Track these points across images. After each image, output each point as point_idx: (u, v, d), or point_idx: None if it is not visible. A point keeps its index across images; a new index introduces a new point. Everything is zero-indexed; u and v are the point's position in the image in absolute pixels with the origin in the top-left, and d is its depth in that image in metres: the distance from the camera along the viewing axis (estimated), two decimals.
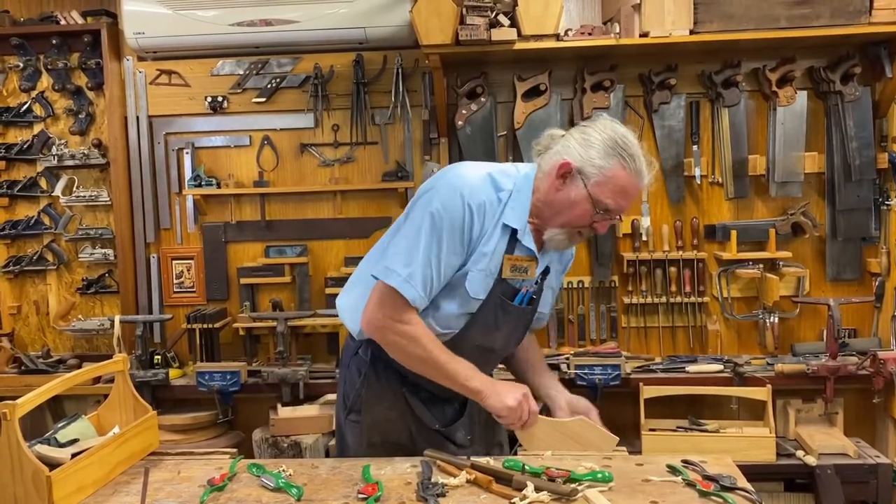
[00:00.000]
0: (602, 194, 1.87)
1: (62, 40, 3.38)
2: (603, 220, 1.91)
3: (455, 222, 1.87)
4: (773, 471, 2.79)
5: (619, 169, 1.86)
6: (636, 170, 1.87)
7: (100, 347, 3.53)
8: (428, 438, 2.03)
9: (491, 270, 1.92)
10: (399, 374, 2.03)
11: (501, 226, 1.92)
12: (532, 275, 1.98)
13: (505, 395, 1.90)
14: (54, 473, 1.59)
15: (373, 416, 2.04)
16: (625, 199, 1.89)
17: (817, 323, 3.26)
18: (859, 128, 3.11)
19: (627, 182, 1.87)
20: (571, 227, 1.93)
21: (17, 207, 3.52)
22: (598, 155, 1.86)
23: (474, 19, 2.86)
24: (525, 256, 1.96)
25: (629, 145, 1.87)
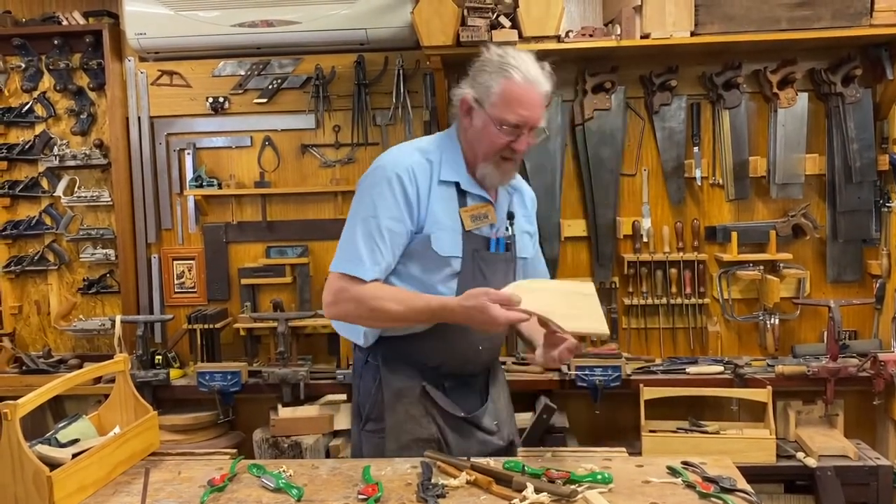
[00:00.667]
0: (500, 112, 1.91)
1: (64, 41, 3.38)
2: (516, 138, 1.94)
3: (383, 191, 1.93)
4: (773, 472, 2.79)
5: (507, 83, 1.90)
6: (524, 77, 1.91)
7: (101, 347, 3.53)
8: (456, 429, 2.03)
9: (453, 227, 1.97)
10: (415, 368, 2.02)
11: (442, 183, 1.98)
12: (493, 219, 2.02)
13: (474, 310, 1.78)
14: (55, 473, 1.59)
15: (397, 417, 2.01)
16: (522, 107, 1.91)
17: (818, 324, 3.26)
18: (860, 129, 3.11)
19: (518, 90, 1.90)
20: (492, 154, 1.96)
21: (18, 207, 3.52)
22: (486, 78, 1.93)
23: (475, 20, 2.87)
24: (478, 204, 2.01)
25: (512, 58, 1.93)
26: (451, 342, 1.99)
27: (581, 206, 3.31)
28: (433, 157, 2.01)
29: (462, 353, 2.02)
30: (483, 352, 2.06)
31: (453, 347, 2.00)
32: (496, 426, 2.11)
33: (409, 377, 2.03)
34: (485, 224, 2.00)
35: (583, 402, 3.23)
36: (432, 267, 1.96)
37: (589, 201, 3.26)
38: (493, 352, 2.14)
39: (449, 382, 2.06)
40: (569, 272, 3.32)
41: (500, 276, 2.03)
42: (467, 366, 2.05)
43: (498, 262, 2.03)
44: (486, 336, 2.00)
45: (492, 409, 2.12)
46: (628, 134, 3.27)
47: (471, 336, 1.98)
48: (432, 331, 1.98)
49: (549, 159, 3.21)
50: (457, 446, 2.01)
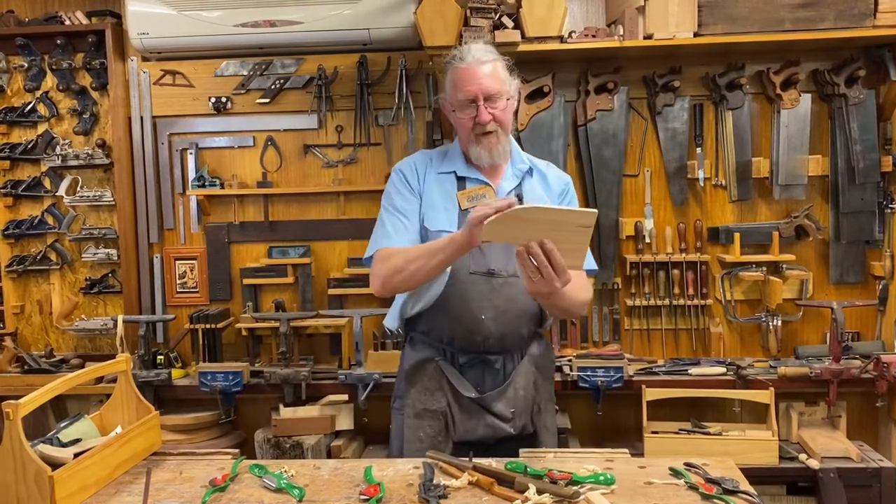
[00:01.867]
0: (453, 96, 2.16)
1: (67, 40, 3.39)
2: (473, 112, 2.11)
3: (393, 188, 2.24)
4: (775, 474, 2.78)
5: (451, 72, 2.16)
6: (462, 58, 2.12)
7: (103, 347, 3.53)
8: (464, 407, 2.14)
9: (448, 207, 2.17)
10: (433, 345, 2.19)
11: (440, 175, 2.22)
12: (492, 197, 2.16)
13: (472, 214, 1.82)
14: (57, 473, 1.59)
15: (415, 388, 2.18)
16: (466, 83, 2.10)
17: (820, 326, 3.26)
18: (863, 131, 3.11)
19: (460, 72, 2.12)
20: (469, 135, 2.16)
21: (21, 207, 3.53)
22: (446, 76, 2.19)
23: (478, 21, 2.86)
24: (475, 186, 2.20)
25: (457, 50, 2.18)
26: (454, 313, 2.11)
27: (583, 206, 3.30)
28: (435, 156, 2.29)
29: (466, 321, 2.11)
30: (488, 321, 2.10)
31: (456, 318, 2.12)
32: (512, 413, 2.14)
33: (427, 353, 2.19)
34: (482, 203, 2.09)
35: (585, 403, 3.22)
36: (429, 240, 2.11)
37: (591, 202, 3.26)
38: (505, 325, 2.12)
39: (464, 358, 2.16)
40: None
41: (502, 251, 2.12)
42: (476, 337, 2.12)
43: None
44: (488, 306, 2.10)
45: (510, 396, 2.15)
46: (631, 135, 3.27)
47: (472, 305, 2.10)
48: (437, 304, 2.13)
49: (551, 159, 3.13)
50: (461, 424, 2.13)
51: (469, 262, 2.10)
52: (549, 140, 3.18)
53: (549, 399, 2.28)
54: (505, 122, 2.15)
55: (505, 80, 2.15)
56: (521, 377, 2.17)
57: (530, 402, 2.19)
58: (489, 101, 2.10)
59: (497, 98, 2.11)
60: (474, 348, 2.14)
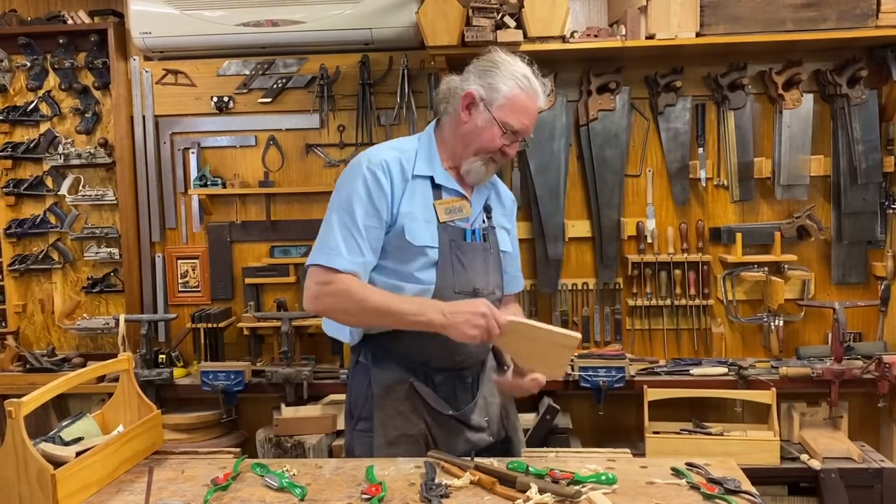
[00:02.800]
0: (506, 116, 1.99)
1: (69, 40, 3.39)
2: (511, 143, 2.03)
3: (359, 188, 1.96)
4: (777, 474, 2.78)
5: (517, 91, 1.99)
6: (532, 89, 2.01)
7: (104, 346, 3.53)
8: (443, 426, 2.04)
9: (427, 218, 2.01)
10: (404, 365, 2.03)
11: (416, 178, 2.03)
12: (468, 212, 2.07)
13: (464, 324, 1.84)
14: (59, 472, 1.59)
15: (386, 412, 2.03)
16: (527, 117, 2.01)
17: (822, 326, 3.25)
18: (865, 131, 3.10)
19: (526, 101, 2.00)
20: (484, 153, 2.03)
21: (23, 206, 3.53)
22: (496, 80, 2.00)
23: (480, 20, 2.86)
24: (453, 198, 2.06)
25: (522, 68, 2.02)
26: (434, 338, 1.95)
27: (585, 206, 3.31)
28: (408, 154, 2.06)
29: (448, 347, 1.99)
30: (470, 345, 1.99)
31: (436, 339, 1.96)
32: (486, 422, 2.10)
33: (397, 373, 2.03)
34: (459, 217, 2.05)
35: (586, 403, 3.23)
36: (408, 257, 1.98)
37: (593, 202, 3.26)
38: (483, 346, 2.10)
39: (439, 378, 2.06)
40: (573, 272, 3.32)
41: (480, 264, 2.06)
42: (455, 358, 2.03)
43: (476, 251, 2.06)
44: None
45: (482, 405, 2.11)
46: (633, 135, 3.27)
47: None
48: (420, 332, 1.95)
49: (553, 160, 3.20)
50: (444, 443, 2.02)
51: (454, 282, 1.99)
52: (551, 140, 3.18)
53: (510, 399, 2.24)
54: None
55: None
56: (486, 385, 2.13)
57: (498, 408, 2.16)
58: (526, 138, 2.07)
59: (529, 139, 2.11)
60: (451, 367, 2.05)
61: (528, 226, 3.30)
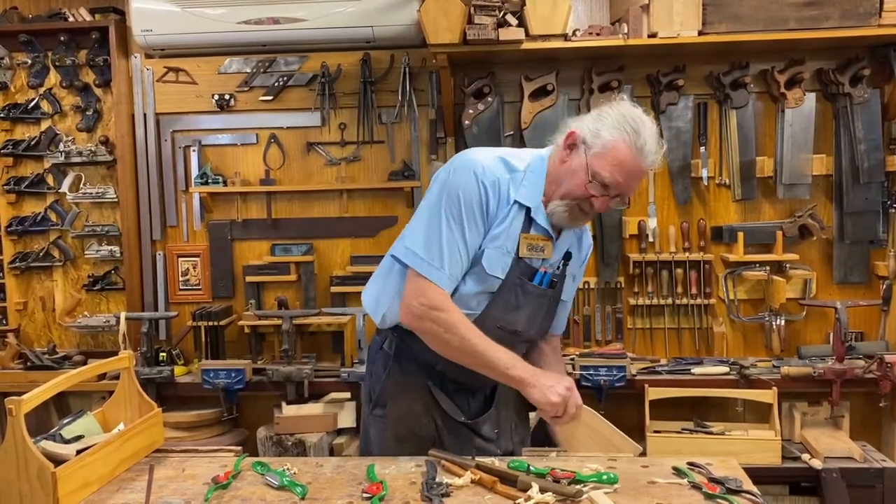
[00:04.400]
0: (599, 165, 1.87)
1: (70, 37, 3.38)
2: (601, 196, 1.89)
3: (472, 200, 1.90)
4: (778, 474, 2.78)
5: (620, 142, 1.85)
6: (638, 146, 1.85)
7: (105, 344, 3.53)
8: (454, 431, 2.04)
9: (508, 249, 1.94)
10: (424, 366, 2.03)
11: (515, 204, 1.94)
12: (549, 254, 2.00)
13: (549, 389, 1.86)
14: (59, 470, 1.59)
15: (399, 408, 2.03)
16: (622, 173, 1.86)
17: (824, 326, 3.25)
18: (868, 130, 3.10)
19: (626, 156, 1.85)
20: (571, 198, 1.92)
21: (24, 204, 3.53)
22: (604, 127, 1.88)
23: (482, 19, 2.86)
24: (540, 235, 1.98)
25: (637, 122, 1.86)
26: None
27: None
28: (517, 175, 1.97)
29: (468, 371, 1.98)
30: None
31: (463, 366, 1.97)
32: (496, 434, 2.10)
33: (415, 373, 2.04)
34: (539, 256, 1.99)
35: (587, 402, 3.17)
36: (474, 279, 1.96)
37: None
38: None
39: (453, 386, 2.07)
40: None
41: (533, 309, 2.02)
42: (470, 378, 2.01)
43: (536, 295, 2.01)
44: None
45: (494, 417, 2.11)
46: None
47: None
48: None
49: None
50: (452, 449, 1.99)
51: (498, 318, 1.97)
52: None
53: (520, 410, 2.23)
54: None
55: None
56: (501, 398, 2.13)
57: (509, 421, 2.16)
58: (617, 198, 1.92)
59: (626, 200, 1.98)
60: (473, 386, 2.06)
61: None
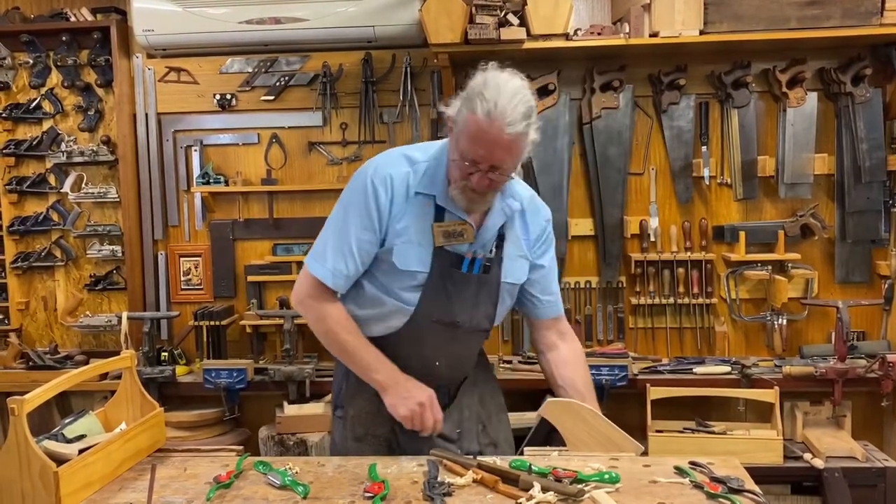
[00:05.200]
0: (462, 142, 1.81)
1: (72, 37, 3.39)
2: (475, 172, 1.81)
3: (359, 199, 1.93)
4: (780, 473, 2.77)
5: (471, 114, 1.77)
6: (486, 112, 1.74)
7: (107, 344, 3.53)
8: (409, 431, 1.99)
9: (422, 241, 1.92)
10: None
11: (419, 195, 1.93)
12: (470, 238, 1.94)
13: (401, 400, 1.89)
14: (62, 469, 1.60)
15: (355, 409, 2.06)
16: (481, 145, 1.77)
17: (826, 325, 3.25)
18: (870, 129, 3.09)
19: (479, 127, 1.76)
20: (458, 181, 1.87)
21: (25, 203, 3.53)
22: (462, 102, 1.82)
23: (483, 18, 2.86)
24: (455, 221, 1.93)
25: (487, 86, 1.77)
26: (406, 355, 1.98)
27: (588, 204, 3.31)
28: (419, 167, 1.95)
29: (419, 366, 1.99)
30: (442, 367, 2.02)
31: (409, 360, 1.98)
32: (458, 434, 2.07)
33: None
34: (459, 242, 1.94)
35: None
36: (395, 275, 1.95)
37: (596, 200, 3.26)
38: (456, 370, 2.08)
39: None
40: (576, 271, 3.31)
41: (469, 297, 1.98)
42: (426, 378, 1.99)
43: (468, 283, 1.97)
44: (443, 353, 1.99)
45: (454, 417, 2.08)
46: (636, 133, 3.26)
47: (426, 350, 1.99)
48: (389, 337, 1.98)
49: (556, 158, 3.20)
50: (408, 446, 2.00)
51: (432, 311, 1.95)
52: (554, 138, 3.18)
53: (500, 409, 2.21)
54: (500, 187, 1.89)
55: (523, 150, 1.82)
56: (465, 396, 2.11)
57: (475, 422, 2.13)
58: (495, 170, 1.81)
59: (505, 171, 1.83)
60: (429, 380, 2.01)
61: None
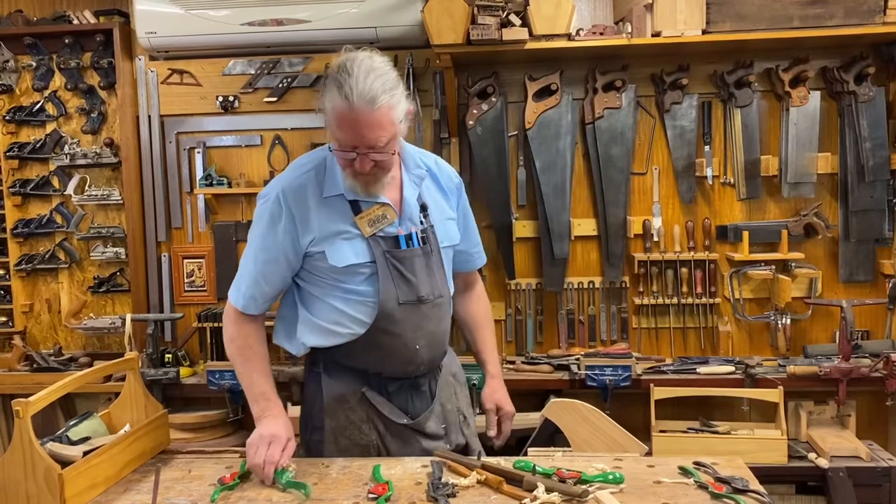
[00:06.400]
0: (335, 132, 1.79)
1: (75, 40, 3.39)
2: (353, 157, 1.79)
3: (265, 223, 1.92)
4: (784, 473, 2.77)
5: (331, 104, 1.75)
6: (345, 96, 1.71)
7: (111, 346, 3.54)
8: (398, 435, 1.98)
9: (349, 237, 1.91)
10: (357, 373, 1.99)
11: (327, 199, 1.91)
12: (393, 216, 1.93)
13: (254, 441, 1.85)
14: (66, 471, 1.60)
15: (337, 421, 1.98)
16: (347, 129, 1.75)
17: (830, 324, 3.24)
18: (873, 128, 3.09)
19: (340, 113, 1.74)
20: (346, 169, 1.85)
21: (29, 206, 3.54)
22: (326, 92, 1.78)
23: (486, 19, 2.86)
24: (371, 207, 1.92)
25: (340, 71, 1.75)
26: (385, 347, 1.95)
27: (591, 204, 3.30)
28: (319, 172, 1.93)
29: (401, 356, 1.96)
30: (422, 350, 1.98)
31: (389, 352, 1.95)
32: (443, 429, 2.06)
33: (349, 383, 1.99)
34: (385, 224, 1.93)
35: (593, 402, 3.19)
36: (341, 278, 1.92)
37: (599, 200, 3.25)
38: (435, 350, 2.05)
39: (393, 386, 2.00)
40: (579, 271, 3.31)
41: (422, 270, 1.97)
42: (408, 367, 1.98)
43: (415, 257, 1.96)
44: (420, 335, 1.96)
45: (438, 412, 2.06)
46: (639, 132, 3.26)
47: (404, 337, 1.94)
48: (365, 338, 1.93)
49: (558, 158, 3.20)
50: (397, 452, 1.98)
51: (396, 293, 1.91)
52: (557, 138, 3.18)
53: (468, 404, 2.21)
54: (388, 164, 1.85)
55: (395, 120, 1.79)
56: (443, 391, 2.09)
57: (456, 414, 2.12)
58: (373, 150, 1.78)
59: (383, 147, 1.79)
60: (405, 376, 1.99)
61: (533, 224, 3.29)
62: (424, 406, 2.03)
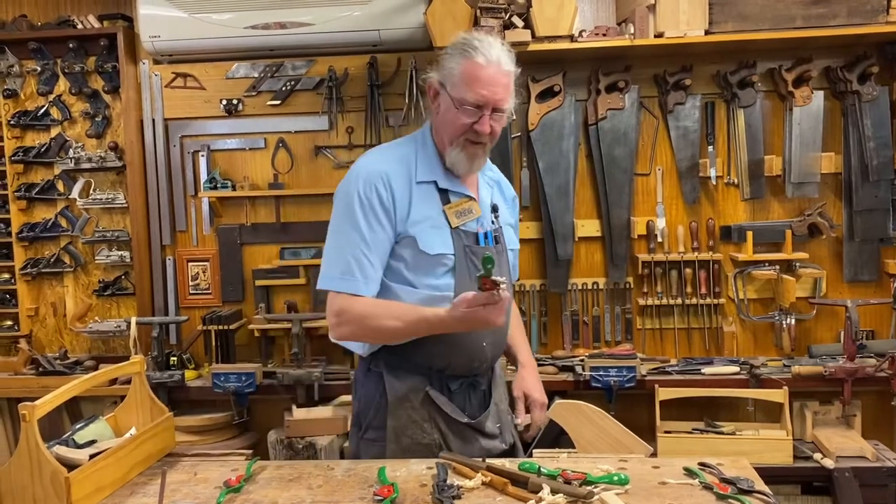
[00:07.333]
0: (460, 92, 1.92)
1: (79, 44, 3.41)
2: (478, 119, 1.92)
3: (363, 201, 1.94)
4: (790, 474, 2.77)
5: (464, 62, 1.91)
6: (485, 56, 1.90)
7: (116, 349, 3.55)
8: (458, 434, 2.02)
9: (437, 225, 1.97)
10: (420, 373, 2.01)
11: (420, 184, 1.98)
12: (477, 212, 2.03)
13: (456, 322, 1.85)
14: (73, 474, 1.60)
15: (398, 420, 2.00)
16: (481, 85, 1.90)
17: (834, 324, 3.24)
18: (877, 128, 3.09)
19: (475, 69, 1.90)
20: (458, 137, 1.96)
21: (34, 210, 3.55)
22: (448, 61, 1.95)
23: (488, 21, 2.86)
24: (460, 200, 2.02)
25: (471, 40, 1.94)
26: (455, 343, 1.97)
27: (595, 205, 3.30)
28: (409, 158, 2.02)
29: (468, 351, 2.00)
30: (488, 347, 2.04)
31: (458, 347, 1.98)
32: (499, 429, 2.09)
33: (413, 382, 2.01)
34: (470, 219, 2.01)
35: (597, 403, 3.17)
36: (424, 266, 1.96)
37: (603, 201, 3.25)
38: (498, 348, 2.12)
39: (454, 385, 2.04)
40: (583, 272, 3.31)
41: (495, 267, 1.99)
42: (473, 364, 2.03)
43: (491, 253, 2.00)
44: (489, 332, 2.00)
45: (494, 412, 2.10)
46: (642, 133, 3.26)
47: (474, 333, 1.97)
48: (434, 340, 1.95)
49: (562, 159, 3.20)
50: (459, 451, 1.98)
51: (471, 285, 1.91)
52: (560, 139, 3.18)
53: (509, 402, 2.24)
54: (498, 134, 1.99)
55: (514, 94, 1.98)
56: (497, 391, 2.13)
57: (507, 413, 2.16)
58: (496, 112, 1.94)
59: (503, 113, 1.96)
60: (468, 374, 2.04)
61: (537, 225, 3.29)
62: (481, 406, 2.08)
